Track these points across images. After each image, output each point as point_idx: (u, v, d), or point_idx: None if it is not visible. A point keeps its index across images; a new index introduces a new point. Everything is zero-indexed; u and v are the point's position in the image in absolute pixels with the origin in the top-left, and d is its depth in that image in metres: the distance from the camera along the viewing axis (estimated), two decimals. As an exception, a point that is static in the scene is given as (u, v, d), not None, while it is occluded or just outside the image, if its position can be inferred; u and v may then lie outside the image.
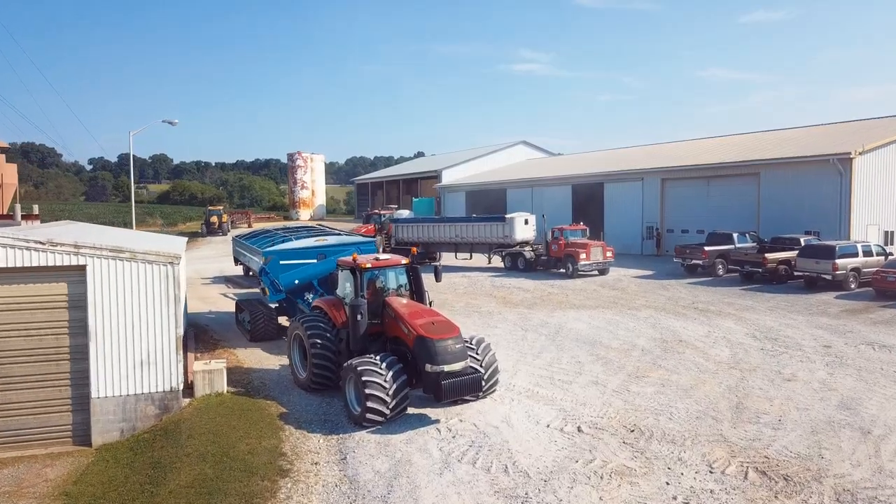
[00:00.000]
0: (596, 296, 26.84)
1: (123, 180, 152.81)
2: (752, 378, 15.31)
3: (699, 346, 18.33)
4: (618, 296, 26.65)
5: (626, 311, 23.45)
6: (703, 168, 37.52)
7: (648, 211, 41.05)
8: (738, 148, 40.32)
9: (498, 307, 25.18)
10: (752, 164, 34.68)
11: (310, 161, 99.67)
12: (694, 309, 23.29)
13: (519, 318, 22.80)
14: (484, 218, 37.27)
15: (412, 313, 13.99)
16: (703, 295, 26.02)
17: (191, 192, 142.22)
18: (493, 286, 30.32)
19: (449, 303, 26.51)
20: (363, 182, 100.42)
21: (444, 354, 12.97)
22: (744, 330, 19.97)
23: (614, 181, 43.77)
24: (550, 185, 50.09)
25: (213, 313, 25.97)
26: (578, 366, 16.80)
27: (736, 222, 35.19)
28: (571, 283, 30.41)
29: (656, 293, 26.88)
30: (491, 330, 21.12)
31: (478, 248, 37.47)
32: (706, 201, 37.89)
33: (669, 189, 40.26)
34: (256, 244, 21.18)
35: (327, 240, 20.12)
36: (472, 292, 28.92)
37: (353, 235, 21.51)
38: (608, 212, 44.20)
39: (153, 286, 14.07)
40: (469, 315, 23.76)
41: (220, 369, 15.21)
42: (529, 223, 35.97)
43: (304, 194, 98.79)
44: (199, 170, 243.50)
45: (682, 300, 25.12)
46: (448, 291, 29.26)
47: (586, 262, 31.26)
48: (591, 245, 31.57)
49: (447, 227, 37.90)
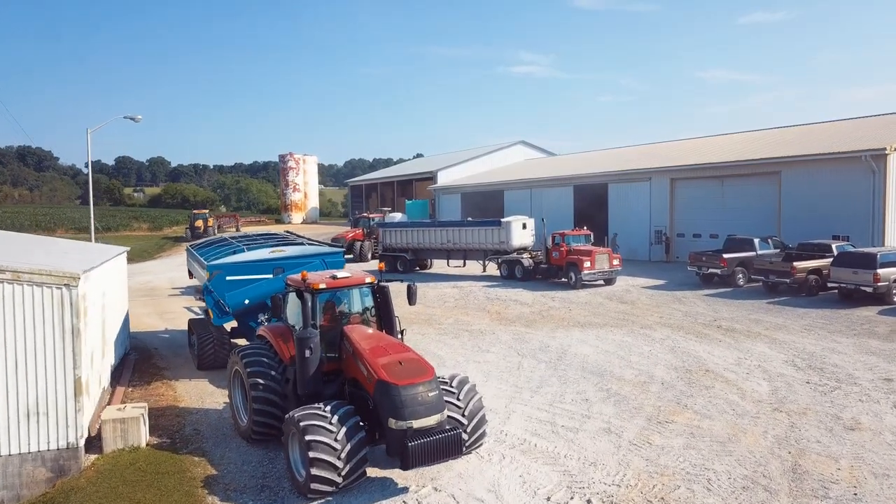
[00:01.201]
0: (603, 311, 23.74)
1: (114, 183, 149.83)
2: (804, 425, 12.21)
3: (730, 377, 15.22)
4: (627, 311, 23.54)
5: (639, 330, 20.35)
6: (717, 167, 34.43)
7: (657, 214, 37.96)
8: (755, 145, 37.22)
9: (491, 324, 22.09)
10: (772, 161, 31.58)
11: (302, 162, 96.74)
12: (717, 328, 20.19)
13: (515, 340, 19.70)
14: (478, 222, 34.20)
15: (374, 349, 10.91)
16: (724, 310, 22.91)
17: (183, 195, 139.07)
18: (488, 298, 27.23)
19: (436, 319, 23.44)
20: (357, 184, 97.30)
21: (412, 406, 9.90)
22: (781, 356, 16.85)
23: (619, 181, 40.69)
24: (550, 186, 47.01)
25: (168, 332, 22.91)
26: (586, 405, 13.71)
27: (754, 226, 32.11)
28: (574, 294, 27.31)
29: (671, 308, 23.78)
30: (481, 355, 18.02)
31: (472, 255, 34.38)
32: (720, 203, 34.81)
33: (680, 190, 37.18)
34: (205, 255, 18.08)
35: (286, 251, 17.01)
36: (464, 306, 25.83)
37: (320, 245, 18.41)
38: (613, 214, 41.10)
39: (43, 315, 10.99)
40: (458, 335, 20.67)
41: (137, 417, 12.10)
42: (528, 227, 32.90)
43: (296, 197, 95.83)
44: (196, 172, 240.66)
45: (702, 317, 22.01)
46: (437, 305, 26.18)
47: (591, 272, 28.17)
48: (595, 252, 28.49)
49: (438, 232, 34.83)
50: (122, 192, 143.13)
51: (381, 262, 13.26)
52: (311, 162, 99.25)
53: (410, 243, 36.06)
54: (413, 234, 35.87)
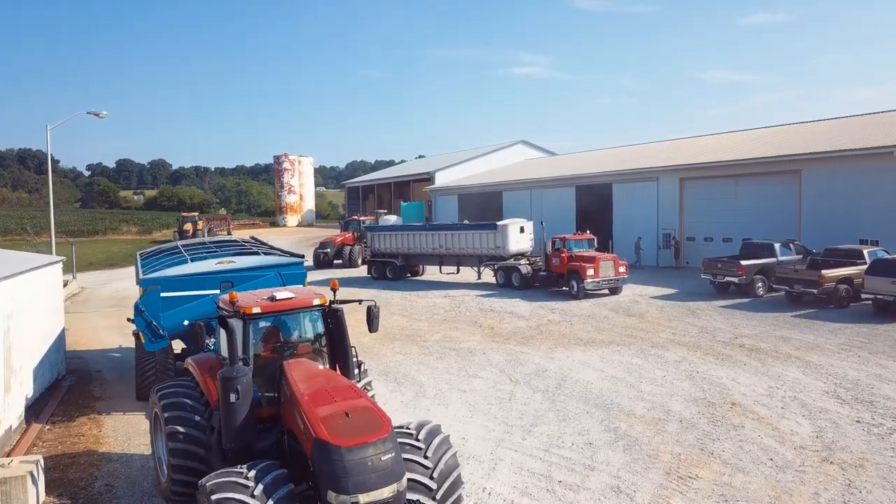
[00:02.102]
0: (608, 325, 21.22)
1: (109, 185, 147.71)
2: (863, 483, 9.69)
3: (762, 413, 12.70)
4: (636, 325, 21.02)
5: (649, 350, 17.82)
6: (731, 165, 31.88)
7: (665, 215, 35.42)
8: (771, 141, 34.69)
9: (482, 342, 19.59)
10: (791, 159, 29.04)
11: (297, 163, 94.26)
12: (739, 347, 17.65)
13: (508, 362, 17.20)
14: (472, 225, 31.72)
15: (315, 394, 8.45)
16: (745, 325, 20.37)
17: (179, 198, 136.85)
18: (481, 310, 24.73)
19: (422, 334, 20.96)
20: (354, 186, 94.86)
21: (360, 474, 7.42)
22: (819, 384, 14.32)
23: (624, 181, 38.16)
24: (551, 186, 44.51)
25: (122, 350, 20.44)
26: (589, 451, 11.20)
27: (770, 229, 29.57)
28: (577, 305, 24.80)
29: (684, 321, 21.24)
30: (468, 382, 15.53)
31: (466, 261, 31.91)
32: (734, 204, 32.26)
33: (690, 190, 34.65)
34: (146, 266, 15.59)
35: (235, 262, 14.52)
36: (454, 319, 23.34)
37: (281, 254, 15.93)
38: (617, 217, 38.57)
39: None
40: (444, 355, 18.18)
41: (23, 475, 9.61)
42: (526, 231, 30.40)
43: (291, 199, 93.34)
44: (198, 175, 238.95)
45: (721, 333, 19.47)
46: (424, 317, 23.69)
47: (594, 280, 25.64)
48: (599, 258, 25.96)
49: (430, 236, 32.36)
50: (117, 194, 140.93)
51: (335, 281, 10.71)
52: (307, 163, 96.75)
53: (400, 248, 33.58)
54: (403, 239, 33.40)
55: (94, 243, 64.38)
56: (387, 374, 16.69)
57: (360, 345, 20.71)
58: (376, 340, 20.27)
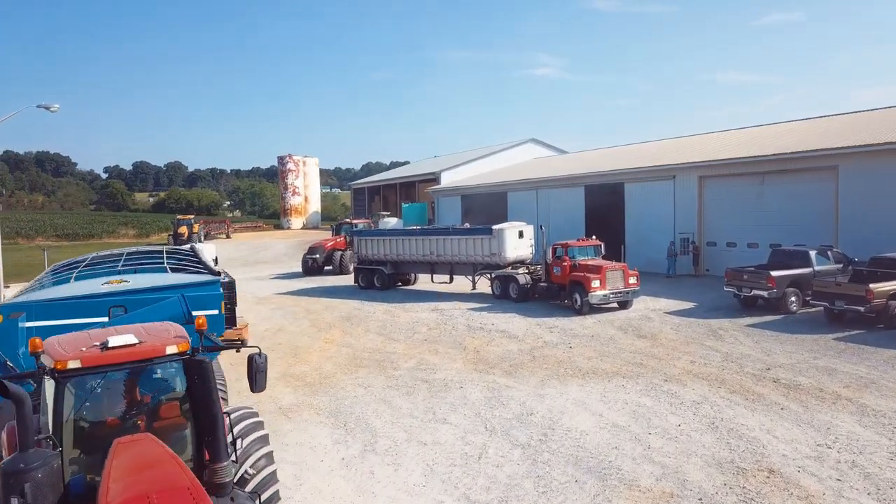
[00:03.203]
0: (613, 349, 17.96)
1: (116, 187, 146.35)
2: None
3: (813, 489, 9.43)
4: (647, 350, 17.74)
5: (661, 384, 14.56)
6: (757, 161, 28.39)
7: (682, 218, 32.01)
8: (803, 135, 31.15)
9: (463, 371, 16.44)
10: (827, 153, 25.51)
11: (302, 164, 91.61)
12: (773, 382, 14.33)
13: (488, 400, 14.04)
14: (466, 230, 28.56)
15: (127, 485, 5.46)
16: (779, 351, 17.00)
17: (187, 200, 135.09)
18: (469, 327, 21.58)
19: (394, 360, 17.85)
20: (360, 187, 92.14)
21: None
22: (884, 441, 10.99)
23: (637, 180, 34.79)
24: (558, 186, 41.20)
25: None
26: (573, 553, 8.02)
27: (802, 233, 26.14)
28: (580, 322, 21.56)
29: (705, 345, 17.93)
30: (433, 429, 12.39)
31: (459, 269, 28.77)
32: (760, 205, 28.78)
33: (710, 189, 31.21)
34: (31, 288, 12.63)
35: (130, 281, 11.53)
36: (436, 339, 20.20)
37: (198, 271, 12.94)
38: (630, 219, 35.20)
39: None
40: (413, 389, 15.06)
41: None
42: (525, 236, 27.21)
43: (295, 201, 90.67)
44: (213, 177, 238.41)
45: (749, 361, 16.14)
46: (403, 337, 20.58)
47: (601, 293, 22.38)
48: (606, 268, 22.68)
49: (420, 242, 29.26)
50: (124, 196, 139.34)
51: (201, 318, 7.57)
52: (312, 164, 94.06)
53: (389, 255, 30.52)
54: (391, 245, 30.33)
55: (83, 247, 61.96)
56: (337, 415, 13.62)
57: (320, 372, 17.78)
58: (339, 367, 17.29)
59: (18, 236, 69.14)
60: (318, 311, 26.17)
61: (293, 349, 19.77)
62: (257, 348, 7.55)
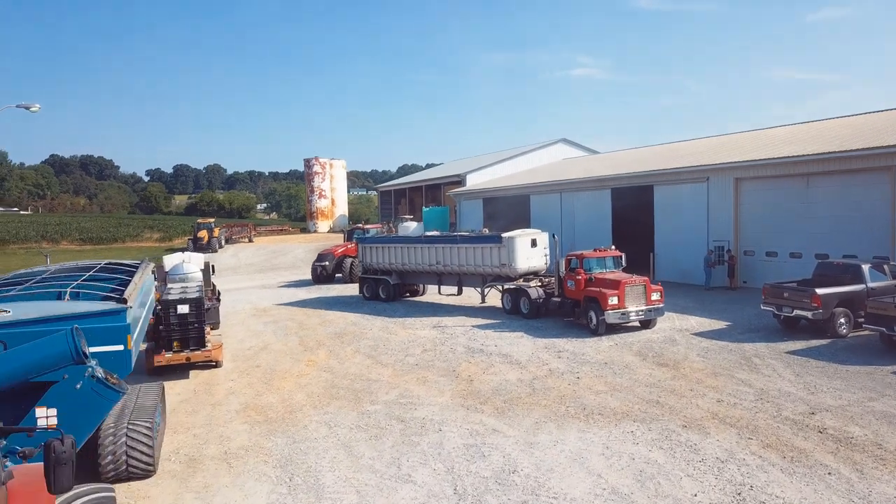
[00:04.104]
0: (627, 381, 15.42)
1: (150, 190, 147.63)
2: None
3: None
4: (666, 383, 15.16)
5: (680, 432, 12.03)
6: (801, 161, 25.37)
7: (717, 223, 29.11)
8: (852, 132, 27.99)
9: (448, 407, 14.14)
10: (882, 151, 22.40)
11: (329, 167, 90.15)
12: (818, 434, 11.67)
13: (466, 449, 11.71)
14: (474, 238, 26.16)
15: None
16: (825, 387, 14.26)
17: (219, 203, 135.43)
18: (468, 350, 19.24)
19: (373, 391, 15.64)
20: (387, 189, 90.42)
21: None
22: (966, 531, 8.35)
23: (667, 182, 31.98)
24: (583, 188, 38.54)
25: None
26: None
27: (853, 243, 23.21)
28: (594, 345, 19.03)
29: (735, 378, 15.26)
30: (391, 491, 10.11)
31: (468, 280, 26.45)
32: (804, 210, 25.78)
33: (748, 193, 28.26)
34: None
35: (10, 311, 9.54)
36: (428, 364, 17.92)
37: (97, 300, 10.92)
38: (659, 224, 32.41)
39: None
40: (383, 432, 12.82)
41: None
42: (539, 245, 24.74)
43: (322, 204, 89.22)
44: (252, 179, 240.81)
45: (789, 402, 13.46)
46: (392, 361, 18.35)
47: (619, 311, 19.81)
48: (625, 282, 20.09)
49: (426, 251, 27.03)
50: (157, 200, 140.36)
51: None
52: (339, 166, 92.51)
53: (394, 264, 28.36)
54: (396, 253, 28.16)
55: (103, 251, 61.39)
56: (287, 464, 11.45)
57: (288, 404, 15.57)
58: (311, 399, 15.18)
59: (44, 239, 69.06)
60: (312, 327, 24.14)
61: (269, 374, 17.71)
62: (58, 433, 5.29)
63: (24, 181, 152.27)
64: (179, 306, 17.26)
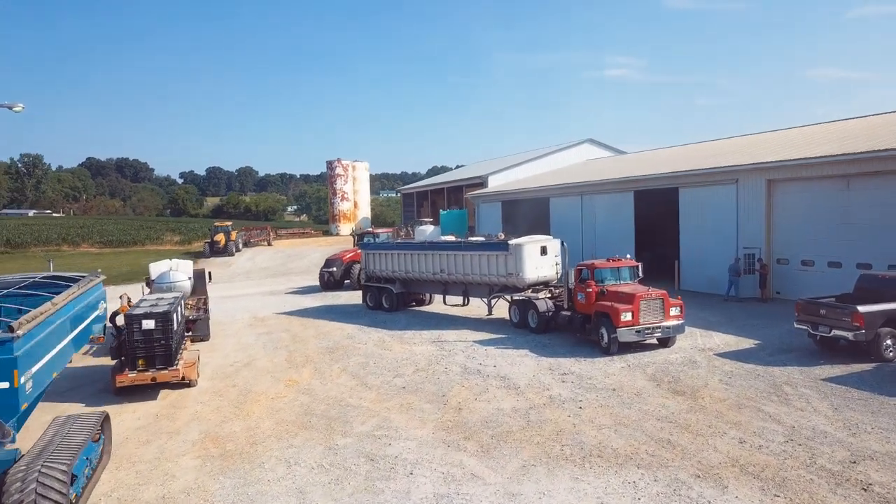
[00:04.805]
0: (636, 414, 13.47)
1: (179, 193, 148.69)
2: None
3: None
4: (681, 416, 13.17)
5: (691, 483, 10.08)
6: (841, 160, 23.02)
7: (747, 229, 26.85)
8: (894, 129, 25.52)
9: (427, 442, 12.38)
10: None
11: (351, 169, 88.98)
12: (861, 490, 9.64)
13: (437, 500, 9.95)
14: (479, 245, 24.32)
15: None
16: (868, 426, 12.13)
17: (245, 205, 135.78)
18: (464, 370, 17.44)
19: (351, 419, 13.97)
20: (409, 192, 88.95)
21: None
22: None
23: (694, 185, 29.76)
24: (605, 190, 36.42)
25: None
26: None
27: (899, 250, 20.85)
28: (603, 366, 17.09)
29: (762, 412, 13.20)
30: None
31: (474, 290, 24.67)
32: (844, 215, 23.43)
33: (781, 196, 25.96)
34: None
35: None
36: (418, 386, 16.17)
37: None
38: (686, 230, 30.20)
39: None
40: (346, 473, 11.13)
41: None
42: (550, 253, 22.83)
43: (344, 206, 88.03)
44: (283, 182, 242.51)
45: (824, 443, 11.40)
46: (379, 381, 16.65)
47: (633, 328, 17.83)
48: (640, 296, 18.09)
49: (430, 258, 25.31)
50: (184, 202, 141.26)
51: None
52: (362, 168, 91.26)
53: (397, 272, 26.69)
54: (399, 260, 26.49)
55: (123, 255, 60.92)
56: (225, 517, 9.82)
57: (251, 434, 13.93)
58: (279, 427, 13.62)
59: (65, 242, 69.07)
60: (306, 340, 22.59)
61: (243, 395, 16.16)
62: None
63: (62, 183, 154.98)
64: (144, 321, 15.81)
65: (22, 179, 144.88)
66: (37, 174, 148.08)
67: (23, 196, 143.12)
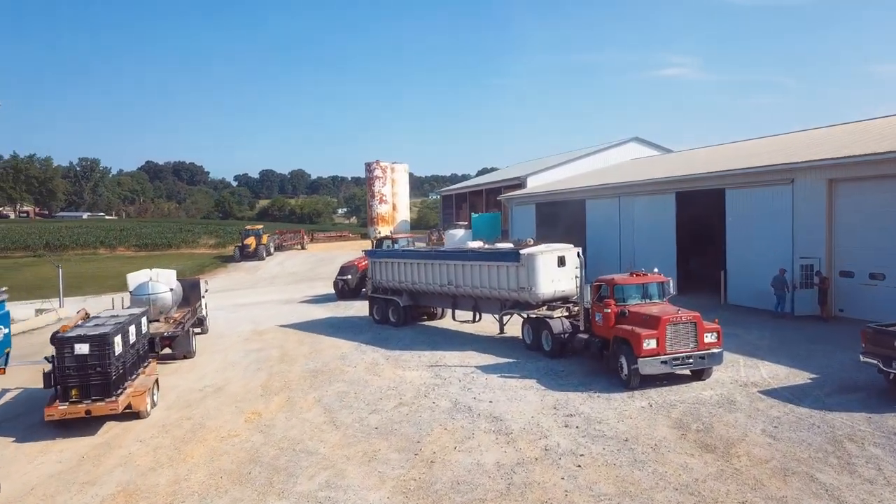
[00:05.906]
0: (648, 478, 10.54)
1: (224, 195, 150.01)
2: None
3: None
4: (706, 484, 10.18)
5: None
6: (917, 157, 19.37)
7: (804, 236, 23.30)
8: None
9: (373, 514, 9.79)
10: None
11: (390, 171, 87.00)
12: None
13: None
14: (488, 254, 21.54)
15: None
16: (964, 513, 8.96)
17: (290, 208, 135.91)
18: (454, 405, 14.76)
19: (300, 470, 11.52)
20: (448, 194, 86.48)
21: None
22: None
23: (742, 185, 26.28)
24: (644, 192, 33.11)
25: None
26: None
27: None
28: (618, 405, 14.14)
29: (815, 481, 10.12)
30: None
31: (484, 305, 21.95)
32: (922, 220, 19.74)
33: (844, 198, 22.36)
34: None
35: None
36: (392, 427, 13.58)
37: None
38: (733, 237, 26.74)
39: None
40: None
41: None
42: (568, 264, 19.89)
43: (383, 209, 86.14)
44: (334, 184, 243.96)
45: (902, 541, 8.32)
46: (352, 419, 14.13)
47: (657, 358, 14.81)
48: (667, 319, 15.04)
49: (438, 268, 22.72)
50: (230, 205, 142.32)
51: None
52: (401, 170, 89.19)
53: (404, 283, 24.18)
54: (406, 270, 23.98)
55: (156, 259, 60.29)
56: None
57: (174, 490, 11.30)
58: (210, 480, 11.31)
59: (102, 246, 69.18)
60: (294, 359, 20.33)
61: (190, 433, 13.90)
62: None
63: (121, 187, 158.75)
64: (77, 345, 13.73)
65: (80, 183, 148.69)
66: (94, 177, 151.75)
67: (80, 199, 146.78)
